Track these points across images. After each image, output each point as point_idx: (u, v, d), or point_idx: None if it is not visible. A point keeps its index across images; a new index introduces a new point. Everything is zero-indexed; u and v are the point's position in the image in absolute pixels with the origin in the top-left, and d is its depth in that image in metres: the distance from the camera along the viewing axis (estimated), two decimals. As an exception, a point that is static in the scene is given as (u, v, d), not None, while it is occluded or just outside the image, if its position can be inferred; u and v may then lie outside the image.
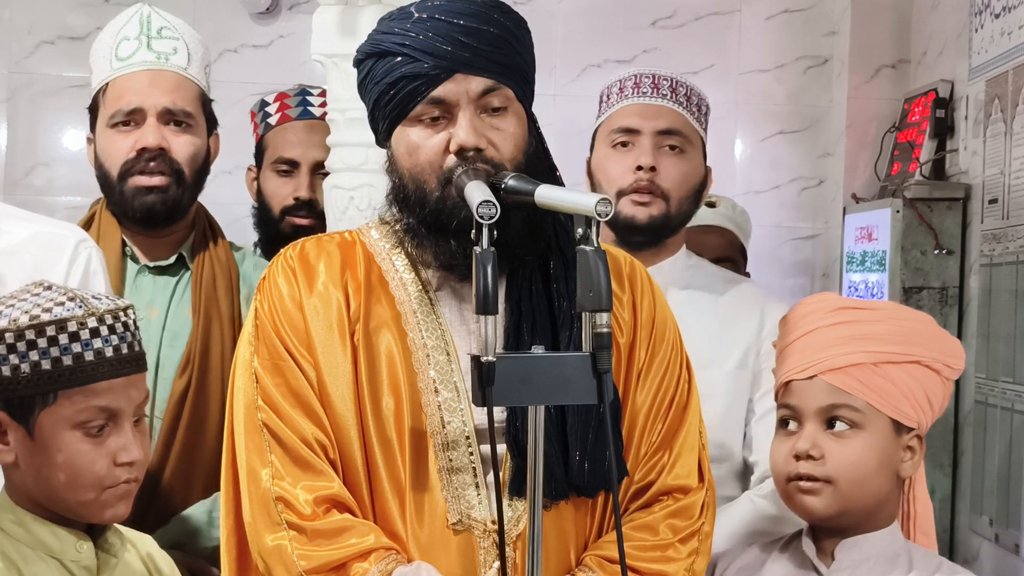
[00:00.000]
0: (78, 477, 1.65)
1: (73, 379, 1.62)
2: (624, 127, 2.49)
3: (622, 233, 2.48)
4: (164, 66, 2.48)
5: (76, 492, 1.65)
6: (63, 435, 1.64)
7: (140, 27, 2.50)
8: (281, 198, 2.95)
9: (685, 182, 2.49)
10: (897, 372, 1.91)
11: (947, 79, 3.72)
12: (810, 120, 4.22)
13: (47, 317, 1.61)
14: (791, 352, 1.96)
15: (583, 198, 1.59)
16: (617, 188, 2.46)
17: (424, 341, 1.85)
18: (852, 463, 1.89)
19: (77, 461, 1.64)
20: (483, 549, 1.82)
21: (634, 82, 2.53)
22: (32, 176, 4.16)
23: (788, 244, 4.24)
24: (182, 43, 2.52)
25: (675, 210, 2.48)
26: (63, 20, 4.16)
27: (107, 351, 1.64)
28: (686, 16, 4.20)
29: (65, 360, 1.62)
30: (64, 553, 1.67)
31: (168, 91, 2.46)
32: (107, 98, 2.47)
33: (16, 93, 4.15)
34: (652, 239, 2.49)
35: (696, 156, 2.53)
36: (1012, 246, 3.17)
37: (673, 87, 2.51)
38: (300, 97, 3.02)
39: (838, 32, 4.16)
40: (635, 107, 2.51)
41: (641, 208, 2.45)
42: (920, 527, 2.02)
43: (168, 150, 2.45)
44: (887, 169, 3.97)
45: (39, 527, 1.66)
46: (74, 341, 1.62)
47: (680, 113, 2.51)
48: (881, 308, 2.02)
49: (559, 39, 4.16)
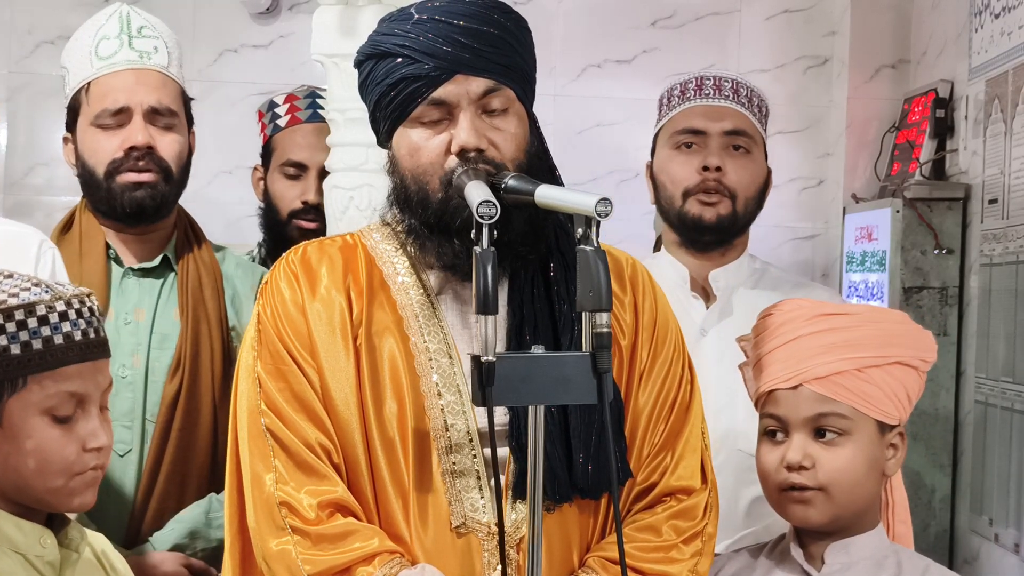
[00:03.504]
0: (48, 463, 1.62)
1: (43, 363, 1.59)
2: (690, 128, 2.51)
3: (689, 233, 2.50)
4: (147, 64, 2.47)
5: (45, 479, 1.63)
6: (32, 421, 1.61)
7: (120, 26, 2.49)
8: (288, 201, 2.94)
9: (752, 182, 2.52)
10: (880, 374, 1.91)
11: (947, 79, 3.72)
12: (810, 120, 4.22)
13: (14, 302, 1.59)
14: (772, 361, 1.96)
15: (583, 198, 1.60)
16: (683, 188, 2.49)
17: (426, 345, 1.85)
18: (843, 470, 1.90)
19: (47, 447, 1.62)
20: (487, 552, 1.82)
21: (696, 84, 2.54)
22: (32, 176, 4.16)
23: (788, 244, 4.24)
24: (161, 42, 2.51)
25: (742, 210, 2.51)
26: (63, 20, 4.14)
27: (76, 335, 1.62)
28: (686, 16, 4.20)
29: (35, 344, 1.59)
30: (29, 548, 1.64)
31: (153, 89, 2.45)
32: (90, 97, 2.45)
33: (16, 93, 4.15)
34: (720, 239, 2.51)
35: (760, 156, 2.55)
36: (1012, 246, 3.17)
37: (735, 88, 2.53)
38: (310, 99, 3.01)
39: (838, 32, 4.16)
40: (700, 108, 2.52)
41: (709, 208, 2.47)
42: (898, 515, 2.04)
43: (155, 148, 2.44)
44: (887, 169, 3.97)
45: (2, 521, 1.63)
46: (43, 325, 1.59)
47: (744, 114, 2.53)
48: (859, 312, 2.03)
49: (559, 39, 4.16)
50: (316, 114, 2.98)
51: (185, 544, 2.37)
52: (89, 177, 2.47)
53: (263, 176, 3.02)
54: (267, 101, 3.06)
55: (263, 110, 3.07)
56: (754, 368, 2.01)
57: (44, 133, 4.17)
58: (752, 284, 2.53)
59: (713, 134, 2.49)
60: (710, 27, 4.21)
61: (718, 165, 2.46)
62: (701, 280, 2.54)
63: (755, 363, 2.00)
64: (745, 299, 2.40)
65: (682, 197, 2.48)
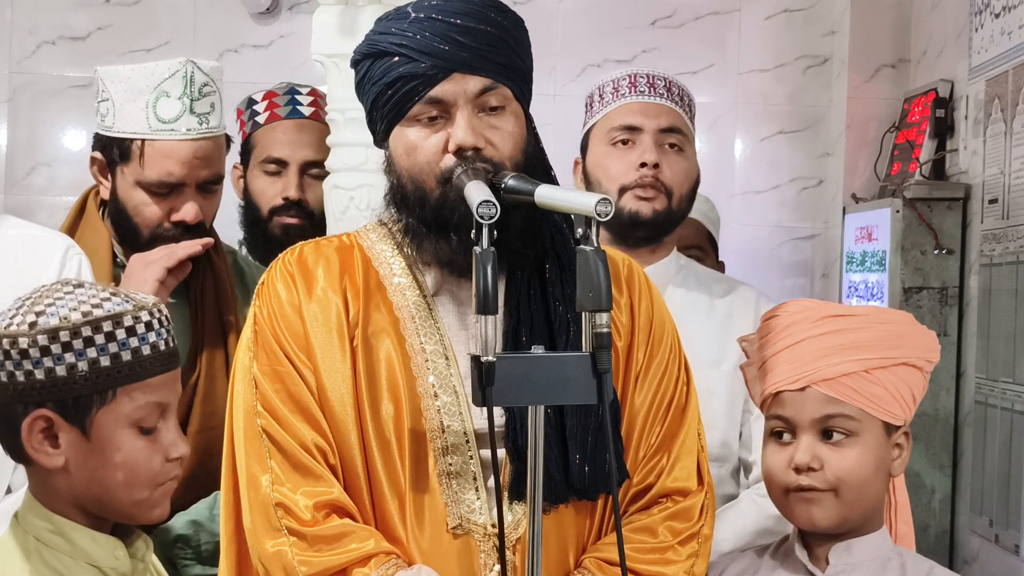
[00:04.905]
0: (136, 476, 1.61)
1: (132, 375, 1.58)
2: (625, 125, 2.51)
3: (624, 229, 2.49)
4: (205, 132, 2.46)
5: (132, 491, 1.62)
6: (121, 433, 1.59)
7: (184, 87, 2.46)
8: (269, 198, 2.92)
9: (686, 179, 2.53)
10: (886, 376, 1.91)
11: (947, 79, 3.72)
12: (810, 120, 4.22)
13: (100, 312, 1.57)
14: (778, 363, 1.96)
15: (583, 198, 1.60)
16: (620, 185, 2.48)
17: (423, 346, 1.85)
18: (851, 471, 1.89)
19: (135, 459, 1.60)
20: (483, 553, 1.82)
21: (630, 81, 2.54)
22: (33, 176, 4.17)
23: (788, 244, 4.24)
24: (217, 96, 2.51)
25: (676, 206, 2.51)
26: (64, 20, 4.16)
27: (160, 345, 1.61)
28: (686, 16, 4.21)
29: (124, 355, 1.57)
30: (103, 560, 1.63)
31: (209, 164, 2.48)
32: (145, 159, 2.44)
33: (17, 93, 4.15)
34: (653, 235, 2.51)
35: (693, 154, 2.57)
36: (1012, 246, 3.17)
37: (668, 86, 2.55)
38: (289, 96, 2.99)
39: (838, 32, 4.16)
40: (635, 105, 2.52)
41: (645, 203, 2.47)
42: (901, 516, 2.04)
43: (204, 220, 2.49)
44: (887, 169, 3.97)
45: (78, 535, 1.62)
46: (131, 335, 1.58)
47: (678, 112, 2.54)
48: (865, 313, 2.03)
49: (559, 39, 4.17)
50: (296, 110, 2.96)
51: (189, 536, 2.37)
52: (128, 226, 2.49)
53: (243, 174, 3.00)
54: (245, 99, 3.03)
55: (242, 108, 3.05)
56: (759, 370, 2.01)
57: (45, 133, 4.18)
58: (679, 283, 2.54)
59: (649, 131, 2.49)
60: (710, 27, 4.21)
61: (655, 162, 2.47)
62: None
63: (760, 365, 2.00)
64: (673, 298, 2.40)
65: (618, 193, 2.48)
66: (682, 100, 2.55)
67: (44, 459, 1.59)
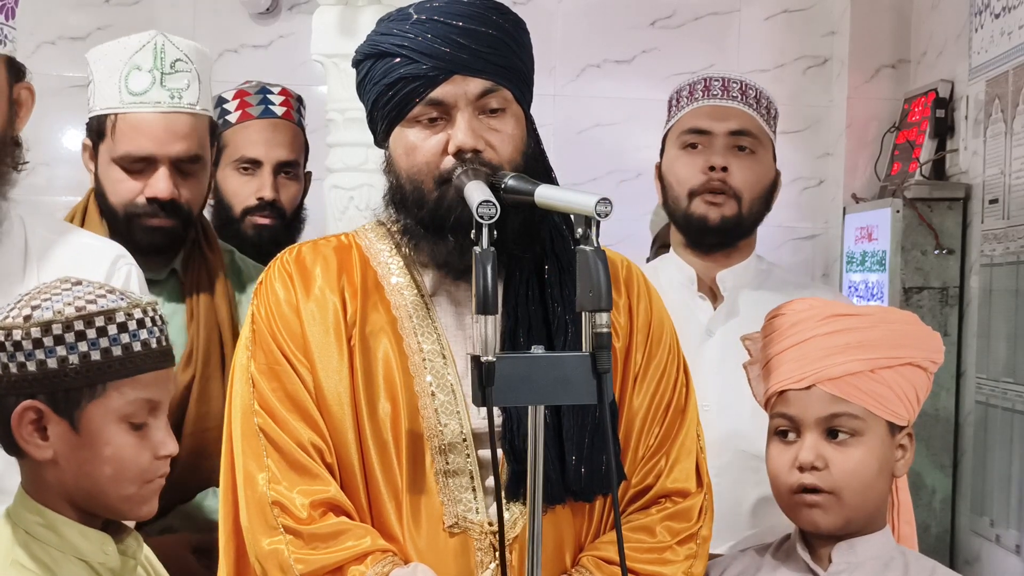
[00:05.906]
0: (124, 471, 1.63)
1: (123, 370, 1.61)
2: (695, 128, 2.50)
3: (694, 235, 2.49)
4: (178, 106, 2.40)
5: (120, 486, 1.64)
6: (111, 428, 1.62)
7: (154, 60, 2.42)
8: (243, 198, 2.89)
9: (757, 183, 2.50)
10: (892, 375, 1.91)
11: (947, 79, 3.72)
12: (810, 120, 4.22)
13: (94, 308, 1.60)
14: (783, 361, 1.95)
15: (583, 198, 1.60)
16: (688, 188, 2.47)
17: (420, 345, 1.85)
18: (855, 471, 1.89)
19: (123, 454, 1.63)
20: (480, 551, 1.82)
21: (704, 85, 2.53)
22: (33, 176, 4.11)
23: (788, 244, 4.24)
24: (194, 74, 2.44)
25: (747, 211, 2.49)
26: (64, 20, 4.16)
27: (152, 342, 1.64)
28: (685, 16, 4.21)
29: (115, 351, 1.60)
30: (92, 555, 1.65)
31: (181, 138, 2.40)
32: (116, 133, 2.41)
33: (17, 93, 4.14)
34: (724, 240, 2.49)
35: (767, 157, 2.53)
36: (1012, 246, 3.17)
37: (743, 89, 2.52)
38: (261, 95, 2.97)
39: (838, 32, 4.16)
40: (706, 108, 2.51)
41: (713, 208, 2.46)
42: (903, 516, 2.04)
43: (178, 199, 2.42)
44: (887, 169, 3.97)
45: (68, 529, 1.64)
46: (123, 332, 1.61)
47: (751, 114, 2.51)
48: (871, 313, 2.03)
49: (559, 39, 4.17)
50: (268, 110, 2.94)
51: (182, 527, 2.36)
52: (107, 207, 2.45)
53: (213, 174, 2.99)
54: (215, 97, 3.02)
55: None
56: (763, 368, 2.00)
57: (45, 133, 4.17)
58: (757, 285, 2.52)
59: (718, 134, 2.48)
60: (709, 27, 4.21)
61: (723, 165, 2.45)
62: (708, 281, 2.54)
63: (765, 363, 2.00)
64: (750, 300, 2.39)
65: (688, 197, 2.47)
66: (758, 103, 2.52)
67: (34, 451, 1.61)
